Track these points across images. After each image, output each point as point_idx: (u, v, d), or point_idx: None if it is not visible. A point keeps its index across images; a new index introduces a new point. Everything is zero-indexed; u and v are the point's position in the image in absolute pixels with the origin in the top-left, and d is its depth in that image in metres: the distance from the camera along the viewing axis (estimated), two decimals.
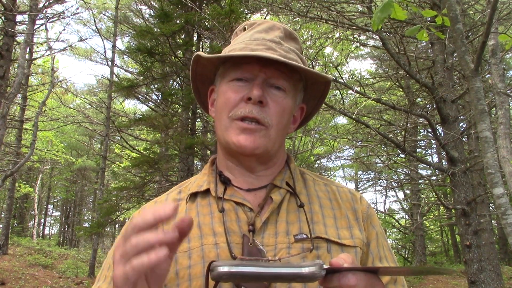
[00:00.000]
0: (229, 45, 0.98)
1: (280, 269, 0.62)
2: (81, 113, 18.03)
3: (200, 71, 0.98)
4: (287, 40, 0.94)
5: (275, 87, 0.88)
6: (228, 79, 0.90)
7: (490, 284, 5.78)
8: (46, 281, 11.54)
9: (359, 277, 0.62)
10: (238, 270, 0.60)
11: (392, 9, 2.16)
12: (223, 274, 0.60)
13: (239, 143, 0.86)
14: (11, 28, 9.45)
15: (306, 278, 0.62)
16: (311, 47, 8.94)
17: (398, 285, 0.89)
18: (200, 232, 0.86)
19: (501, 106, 4.40)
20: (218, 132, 0.91)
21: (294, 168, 0.98)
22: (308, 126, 13.72)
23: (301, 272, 0.62)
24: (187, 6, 7.76)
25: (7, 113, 8.43)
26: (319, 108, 1.06)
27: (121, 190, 8.27)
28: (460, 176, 6.12)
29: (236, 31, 1.00)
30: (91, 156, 25.05)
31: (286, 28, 0.95)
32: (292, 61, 0.88)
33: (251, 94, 0.85)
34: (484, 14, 6.82)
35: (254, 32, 0.93)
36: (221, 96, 0.91)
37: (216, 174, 0.94)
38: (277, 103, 0.88)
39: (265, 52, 0.87)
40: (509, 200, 3.19)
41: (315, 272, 0.62)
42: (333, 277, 0.63)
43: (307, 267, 0.62)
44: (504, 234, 13.13)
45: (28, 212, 25.35)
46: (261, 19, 0.97)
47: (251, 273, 0.60)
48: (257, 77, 0.87)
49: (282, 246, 0.83)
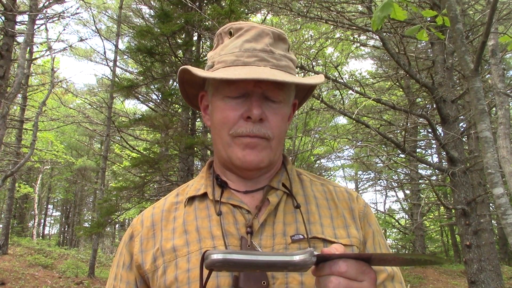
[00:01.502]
0: (216, 49, 0.96)
1: (272, 257, 0.63)
2: (81, 113, 18.02)
3: (188, 78, 0.96)
4: (277, 44, 0.93)
5: (272, 100, 0.88)
6: (222, 95, 0.89)
7: (490, 284, 5.78)
8: (46, 281, 11.54)
9: (350, 264, 0.64)
10: (231, 258, 0.61)
11: (391, 8, 2.16)
12: (216, 261, 0.61)
13: (244, 159, 0.86)
14: (11, 28, 9.45)
15: (298, 266, 0.64)
16: (311, 47, 8.94)
17: (396, 282, 0.89)
18: (199, 236, 0.87)
19: (501, 106, 4.40)
20: (219, 147, 0.91)
21: (291, 169, 0.98)
22: (308, 126, 13.73)
23: (292, 260, 0.63)
24: (187, 6, 7.76)
25: (7, 113, 8.43)
26: (309, 97, 1.06)
27: (121, 190, 8.27)
28: (460, 176, 6.12)
29: (221, 33, 0.97)
30: (91, 156, 25.05)
31: (274, 32, 0.93)
32: (285, 68, 0.89)
33: (251, 114, 0.84)
34: (484, 14, 6.82)
35: (243, 41, 0.90)
36: (217, 112, 0.90)
37: (213, 178, 0.95)
38: (276, 115, 0.88)
39: (258, 64, 0.87)
40: (509, 200, 3.19)
41: (306, 259, 0.63)
42: (324, 265, 0.65)
43: (298, 255, 0.64)
44: (504, 234, 13.13)
45: (28, 212, 25.36)
46: (248, 23, 0.94)
47: (244, 261, 0.62)
48: (253, 93, 0.86)
49: (279, 247, 0.84)
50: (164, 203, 0.97)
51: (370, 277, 0.65)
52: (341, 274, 0.63)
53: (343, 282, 0.63)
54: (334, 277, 0.63)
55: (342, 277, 0.63)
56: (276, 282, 0.80)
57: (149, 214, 0.96)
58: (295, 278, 0.81)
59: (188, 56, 8.65)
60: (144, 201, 8.76)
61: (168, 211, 0.95)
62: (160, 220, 0.93)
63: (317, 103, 6.82)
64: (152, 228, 0.93)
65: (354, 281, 0.64)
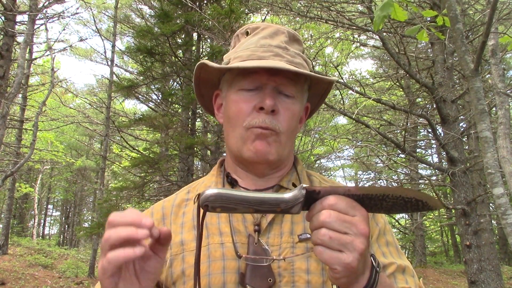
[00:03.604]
0: (233, 49, 0.98)
1: (264, 195, 0.65)
2: (81, 113, 18.02)
3: (204, 77, 0.98)
4: (292, 43, 0.95)
5: (284, 94, 0.89)
6: (236, 88, 0.90)
7: (490, 284, 5.78)
8: (46, 281, 11.54)
9: (340, 198, 0.64)
10: (224, 193, 0.63)
11: (392, 8, 2.16)
12: (210, 195, 0.63)
13: (254, 149, 0.87)
14: (11, 28, 9.44)
15: (289, 203, 0.65)
16: (311, 47, 8.93)
17: (407, 275, 0.88)
18: (207, 232, 0.87)
19: (501, 106, 4.40)
20: (232, 141, 0.92)
21: (301, 170, 0.99)
22: (308, 126, 13.72)
23: (283, 197, 0.65)
24: (187, 6, 7.75)
25: (7, 113, 8.42)
26: (321, 104, 1.08)
27: (121, 190, 8.27)
28: (460, 176, 6.12)
29: (238, 34, 1.00)
30: (91, 156, 25.04)
31: (290, 31, 0.96)
32: (298, 65, 0.90)
33: (264, 104, 0.85)
34: (484, 14, 6.81)
35: (259, 37, 0.93)
36: (231, 105, 0.91)
37: (223, 176, 0.97)
38: (288, 110, 0.89)
39: (273, 59, 0.88)
40: (509, 200, 3.19)
41: (296, 194, 0.65)
42: (315, 204, 0.65)
43: (288, 193, 0.66)
44: (504, 234, 13.13)
45: (28, 212, 25.35)
46: (264, 23, 0.96)
47: (236, 196, 0.63)
48: (267, 86, 0.88)
49: (286, 245, 0.84)
50: (175, 198, 0.99)
51: (361, 213, 0.65)
52: (331, 207, 0.63)
53: (334, 214, 0.63)
54: (325, 210, 0.64)
55: (333, 210, 0.63)
56: (282, 280, 0.81)
57: (159, 207, 0.97)
58: (301, 277, 0.81)
59: (188, 56, 8.64)
60: (144, 201, 8.75)
61: (178, 206, 0.96)
62: (170, 214, 0.95)
63: None
64: (162, 221, 0.94)
65: (345, 215, 0.63)
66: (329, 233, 0.62)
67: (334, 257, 0.62)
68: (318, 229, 0.64)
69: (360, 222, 0.64)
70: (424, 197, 0.67)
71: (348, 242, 0.62)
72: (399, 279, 0.86)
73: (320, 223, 0.63)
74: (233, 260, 0.83)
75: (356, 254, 0.62)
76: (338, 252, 0.62)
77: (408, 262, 0.91)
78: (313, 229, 0.65)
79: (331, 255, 0.62)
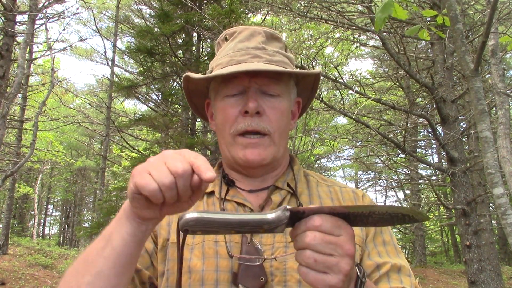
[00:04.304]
0: (215, 57, 1.00)
1: (246, 216, 0.62)
2: (81, 113, 18.02)
3: (193, 88, 1.00)
4: (270, 42, 0.95)
5: (269, 94, 0.90)
6: (222, 95, 0.92)
7: (490, 284, 5.78)
8: (46, 281, 11.54)
9: (324, 218, 0.63)
10: (205, 216, 0.60)
11: (392, 9, 2.16)
12: (190, 220, 0.60)
13: (245, 158, 0.88)
14: (11, 28, 9.44)
15: (273, 224, 0.62)
16: (311, 47, 8.93)
17: (403, 275, 0.88)
18: None
19: (501, 106, 4.40)
20: (223, 147, 0.94)
21: (298, 170, 1.00)
22: (308, 126, 13.72)
23: (266, 218, 0.62)
24: (187, 6, 7.75)
25: (7, 113, 8.42)
26: (314, 97, 1.08)
27: (121, 190, 8.27)
28: (460, 176, 6.11)
29: (219, 41, 1.02)
30: (91, 156, 25.04)
31: (266, 31, 0.96)
32: (279, 63, 0.91)
33: (247, 108, 0.86)
34: (484, 14, 6.81)
35: (237, 42, 0.94)
36: (219, 113, 0.93)
37: (221, 177, 0.98)
38: (274, 109, 0.89)
39: (251, 61, 0.89)
40: (509, 200, 3.19)
41: (279, 215, 0.62)
42: (300, 223, 0.64)
43: (272, 213, 0.63)
44: (504, 234, 13.13)
45: (28, 212, 25.33)
46: (241, 27, 0.97)
47: (216, 219, 0.61)
48: (250, 89, 0.89)
49: (279, 245, 0.85)
50: None
51: (347, 232, 0.64)
52: (316, 228, 0.62)
53: (319, 235, 0.62)
54: (310, 232, 0.63)
55: (318, 231, 0.62)
56: (274, 279, 0.81)
57: None
58: (293, 276, 0.82)
59: (188, 56, 8.64)
60: None
61: None
62: None
63: (317, 103, 6.82)
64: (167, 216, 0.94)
65: (330, 235, 0.62)
66: (314, 256, 0.62)
67: (319, 279, 0.62)
68: (302, 250, 0.63)
69: (345, 242, 0.63)
70: (411, 212, 0.66)
71: (334, 264, 0.62)
72: (393, 278, 0.86)
73: (305, 245, 0.62)
74: (226, 259, 0.84)
75: (341, 276, 0.62)
76: (323, 274, 0.62)
77: (406, 261, 0.91)
78: (297, 248, 0.64)
79: (315, 277, 0.62)
